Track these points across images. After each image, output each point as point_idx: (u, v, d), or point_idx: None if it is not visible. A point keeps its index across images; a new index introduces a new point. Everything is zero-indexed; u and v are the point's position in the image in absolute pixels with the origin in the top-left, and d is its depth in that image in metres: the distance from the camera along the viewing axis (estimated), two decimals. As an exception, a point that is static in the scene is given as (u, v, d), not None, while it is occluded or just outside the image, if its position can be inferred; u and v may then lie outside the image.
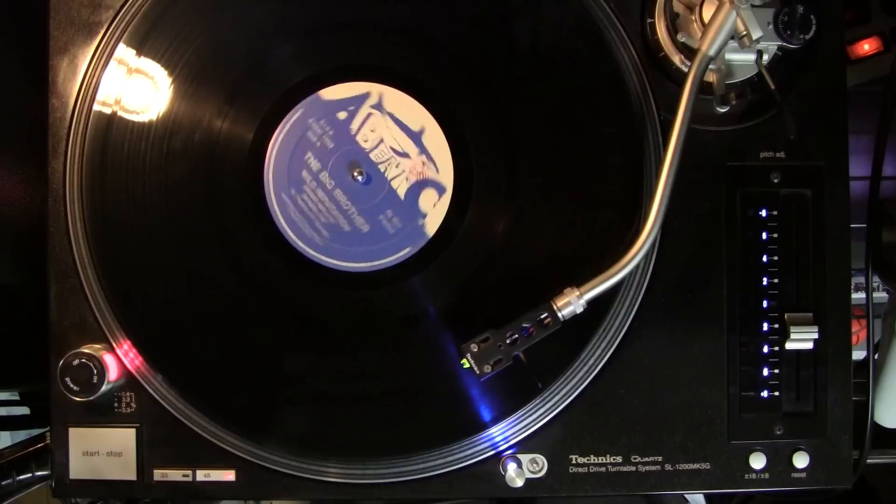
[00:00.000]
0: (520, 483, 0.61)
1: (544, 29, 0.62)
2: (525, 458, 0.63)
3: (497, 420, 0.61)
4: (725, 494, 0.87)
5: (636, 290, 0.63)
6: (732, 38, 0.56)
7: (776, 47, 0.60)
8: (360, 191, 0.61)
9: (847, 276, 0.63)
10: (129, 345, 0.62)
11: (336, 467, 0.63)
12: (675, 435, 0.63)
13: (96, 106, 0.61)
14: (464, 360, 0.56)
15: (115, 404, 0.63)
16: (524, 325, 0.57)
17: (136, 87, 0.61)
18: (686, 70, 0.57)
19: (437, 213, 0.61)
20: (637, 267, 0.58)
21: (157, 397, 0.62)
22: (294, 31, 0.61)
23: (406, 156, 0.61)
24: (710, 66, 0.58)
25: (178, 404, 0.62)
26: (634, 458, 0.63)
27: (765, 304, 0.63)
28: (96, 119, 0.61)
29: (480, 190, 0.61)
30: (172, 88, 0.61)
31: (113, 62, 0.61)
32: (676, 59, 0.61)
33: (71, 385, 0.60)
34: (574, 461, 0.63)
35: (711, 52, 0.56)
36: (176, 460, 0.63)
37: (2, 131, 0.66)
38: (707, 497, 0.87)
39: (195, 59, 0.61)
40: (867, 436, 0.65)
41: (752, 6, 0.56)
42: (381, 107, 0.61)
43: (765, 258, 0.63)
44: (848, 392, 0.63)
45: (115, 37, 0.62)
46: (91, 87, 0.62)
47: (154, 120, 0.61)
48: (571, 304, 0.56)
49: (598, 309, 0.60)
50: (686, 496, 0.82)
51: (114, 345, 0.62)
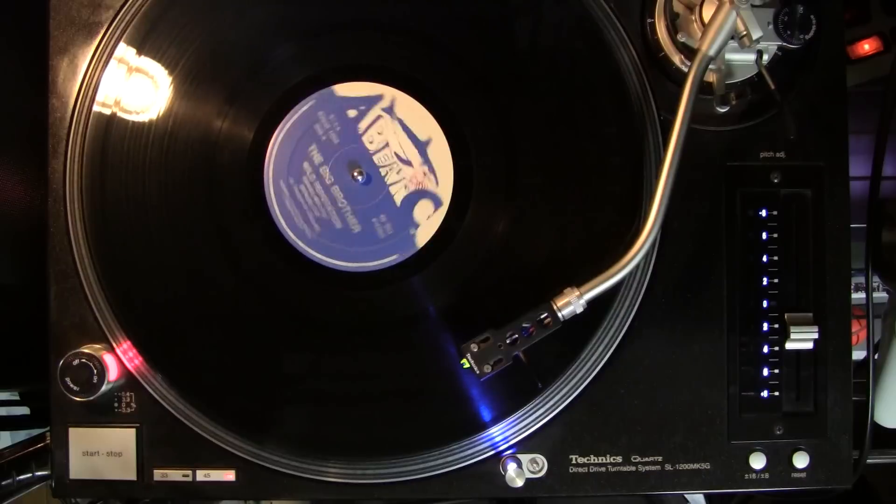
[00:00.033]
0: (520, 483, 0.61)
1: (544, 29, 0.62)
2: (525, 458, 0.63)
3: (497, 420, 0.61)
4: (725, 494, 0.87)
5: (636, 290, 0.62)
6: (732, 38, 0.56)
7: (776, 47, 0.60)
8: (358, 191, 0.61)
9: (847, 276, 0.63)
10: (129, 345, 0.62)
11: (336, 467, 0.63)
12: (675, 435, 0.63)
13: (96, 106, 0.61)
14: (464, 360, 0.56)
15: (115, 404, 0.63)
16: (524, 325, 0.57)
17: (136, 87, 0.61)
18: (686, 70, 0.57)
19: (430, 225, 0.61)
20: (637, 267, 0.58)
21: (157, 397, 0.62)
22: (294, 31, 0.61)
23: (409, 164, 0.61)
24: (710, 66, 0.58)
25: (178, 404, 0.62)
26: (634, 458, 0.63)
27: (765, 304, 0.63)
28: (96, 119, 0.61)
29: (480, 190, 0.61)
30: (172, 88, 0.61)
31: (113, 62, 0.61)
32: (676, 59, 0.61)
33: (71, 385, 0.60)
34: (574, 461, 0.63)
35: (711, 52, 0.56)
36: (176, 460, 0.63)
37: (2, 131, 0.66)
38: (707, 497, 0.87)
39: (195, 59, 0.61)
40: (867, 436, 0.65)
41: (752, 6, 0.56)
42: (392, 111, 0.61)
43: (765, 258, 0.63)
44: (848, 392, 0.63)
45: (115, 37, 0.62)
46: (91, 87, 0.62)
47: (154, 120, 0.61)
48: (571, 304, 0.56)
49: (598, 309, 0.60)
50: (686, 496, 0.82)
51: (114, 345, 0.62)
